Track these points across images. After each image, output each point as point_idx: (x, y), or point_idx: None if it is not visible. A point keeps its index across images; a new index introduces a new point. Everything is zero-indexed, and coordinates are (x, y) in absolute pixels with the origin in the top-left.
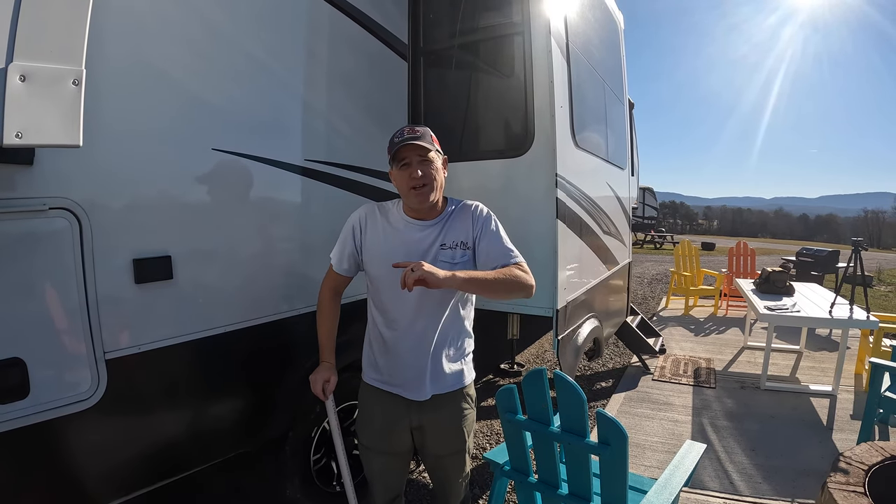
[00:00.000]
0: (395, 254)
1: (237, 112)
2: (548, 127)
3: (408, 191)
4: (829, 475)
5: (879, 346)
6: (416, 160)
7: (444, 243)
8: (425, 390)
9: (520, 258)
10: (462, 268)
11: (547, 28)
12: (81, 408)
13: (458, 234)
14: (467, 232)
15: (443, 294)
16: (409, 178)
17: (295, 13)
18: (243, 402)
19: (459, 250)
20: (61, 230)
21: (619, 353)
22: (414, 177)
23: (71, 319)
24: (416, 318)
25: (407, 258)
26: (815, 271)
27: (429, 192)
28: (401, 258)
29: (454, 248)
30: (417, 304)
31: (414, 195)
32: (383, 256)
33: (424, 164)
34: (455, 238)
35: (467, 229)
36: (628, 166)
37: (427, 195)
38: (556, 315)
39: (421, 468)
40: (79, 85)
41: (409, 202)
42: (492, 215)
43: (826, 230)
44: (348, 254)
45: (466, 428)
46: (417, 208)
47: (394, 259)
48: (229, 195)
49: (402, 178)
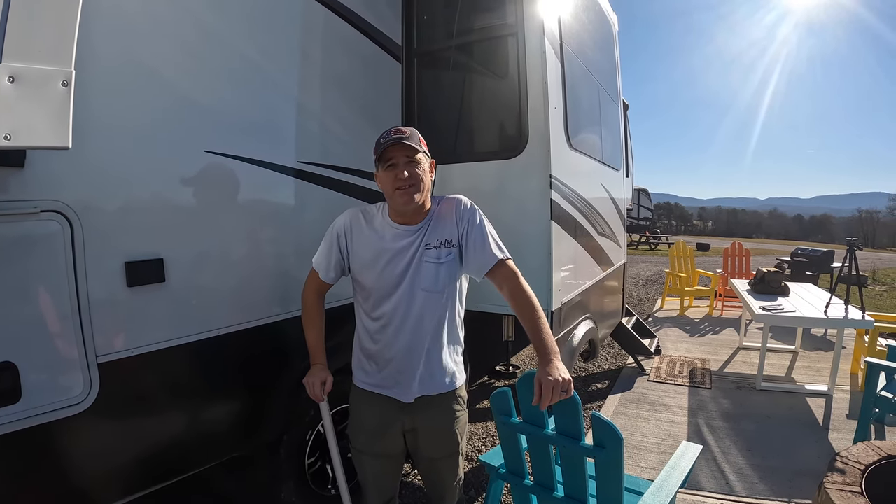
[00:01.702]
0: (383, 260)
1: (230, 114)
2: (542, 128)
3: (393, 192)
4: (826, 475)
5: (875, 345)
6: (402, 161)
7: (429, 243)
8: (416, 392)
9: (506, 254)
10: (447, 267)
11: (541, 29)
12: (74, 412)
13: (443, 232)
14: (451, 230)
15: (434, 297)
16: (394, 179)
17: (288, 14)
18: (237, 406)
19: (444, 249)
20: (53, 233)
21: (614, 355)
22: (400, 177)
23: (63, 323)
24: (406, 321)
25: (397, 264)
26: (809, 271)
27: (414, 193)
28: (390, 264)
29: (438, 247)
30: (408, 308)
31: (399, 196)
32: (372, 262)
33: (411, 165)
34: (439, 236)
35: (451, 227)
36: (623, 167)
37: (412, 196)
38: (550, 317)
39: (415, 471)
40: (68, 86)
41: (393, 204)
42: (476, 209)
43: (820, 230)
44: (335, 262)
45: (459, 430)
46: (403, 210)
47: (381, 265)
48: (222, 197)
49: (388, 179)
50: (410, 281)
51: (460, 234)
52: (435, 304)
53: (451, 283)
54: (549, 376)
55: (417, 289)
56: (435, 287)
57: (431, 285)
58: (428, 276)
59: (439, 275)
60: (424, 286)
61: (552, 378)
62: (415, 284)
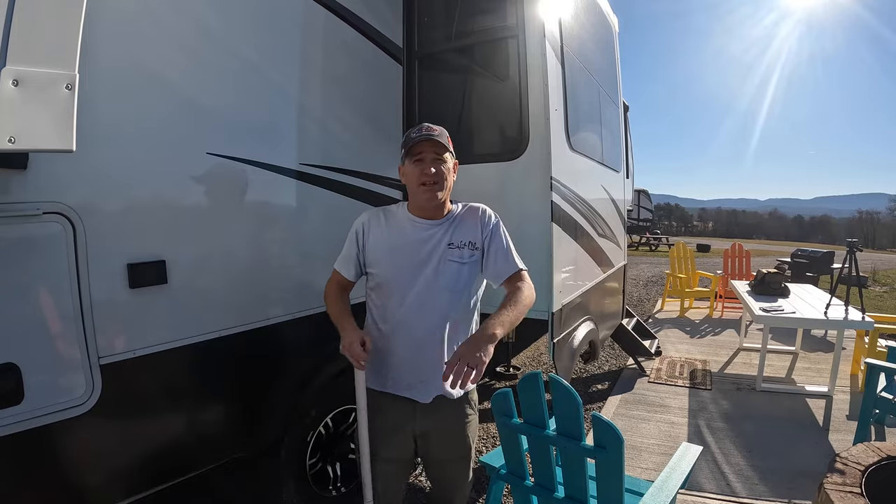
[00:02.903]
0: (402, 252)
1: (231, 116)
2: (542, 130)
3: (417, 186)
4: (826, 476)
5: (875, 346)
6: (430, 157)
7: (452, 242)
8: (432, 392)
9: (523, 266)
10: (469, 268)
11: (541, 31)
12: (76, 413)
13: (466, 235)
14: (475, 233)
15: (454, 296)
16: (420, 174)
17: (289, 17)
18: (238, 407)
19: (468, 250)
20: (55, 235)
21: (614, 356)
22: (426, 173)
23: (65, 324)
24: (424, 318)
25: (414, 256)
26: (810, 272)
27: (437, 191)
28: (407, 256)
29: (462, 247)
30: (429, 305)
31: (423, 191)
32: (389, 255)
33: (438, 163)
34: (463, 238)
35: (475, 231)
36: (623, 169)
37: (436, 193)
38: (551, 318)
39: (417, 471)
40: (72, 89)
41: (416, 199)
42: (500, 221)
43: (820, 231)
44: (353, 259)
45: (471, 433)
46: (424, 206)
47: (400, 258)
48: (224, 199)
49: (414, 174)
50: (433, 277)
51: (484, 240)
52: (455, 303)
53: (472, 285)
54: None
55: (438, 286)
56: (456, 286)
57: (453, 284)
58: (450, 275)
59: (461, 274)
60: (446, 284)
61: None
62: (437, 281)
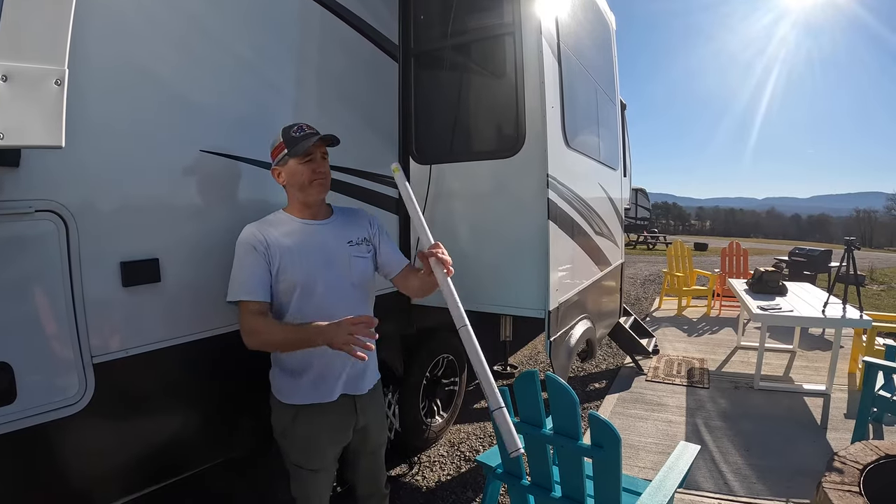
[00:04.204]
0: (309, 255)
1: (225, 113)
2: (539, 127)
3: (310, 183)
4: (824, 475)
5: (873, 344)
6: (319, 156)
7: (351, 240)
8: (368, 380)
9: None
10: (366, 262)
11: (538, 29)
12: (69, 412)
13: (358, 232)
14: (364, 232)
15: (360, 291)
16: (312, 172)
17: (284, 14)
18: (233, 406)
19: (364, 246)
20: (48, 233)
21: (612, 354)
22: (319, 171)
23: (58, 323)
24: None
25: (324, 257)
26: (807, 271)
27: (327, 187)
28: (314, 258)
29: (359, 243)
30: (341, 302)
31: (315, 187)
32: (300, 259)
33: (325, 162)
34: (357, 235)
35: (364, 229)
36: (620, 167)
37: (326, 188)
38: (548, 316)
39: (414, 471)
40: (61, 85)
41: (307, 195)
42: (382, 222)
43: (818, 230)
44: (263, 277)
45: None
46: (314, 201)
47: (315, 261)
48: (218, 197)
49: (305, 171)
50: (345, 275)
51: (372, 237)
52: (364, 297)
53: (373, 278)
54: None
55: (350, 283)
56: (363, 281)
57: (361, 279)
58: (359, 271)
59: (368, 269)
60: (356, 280)
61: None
62: (348, 278)
